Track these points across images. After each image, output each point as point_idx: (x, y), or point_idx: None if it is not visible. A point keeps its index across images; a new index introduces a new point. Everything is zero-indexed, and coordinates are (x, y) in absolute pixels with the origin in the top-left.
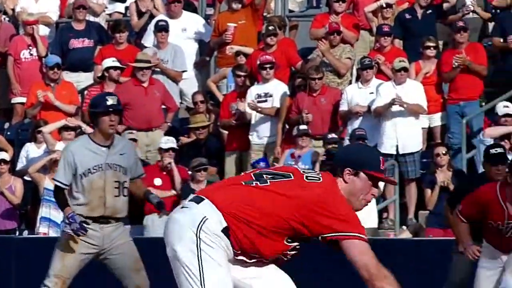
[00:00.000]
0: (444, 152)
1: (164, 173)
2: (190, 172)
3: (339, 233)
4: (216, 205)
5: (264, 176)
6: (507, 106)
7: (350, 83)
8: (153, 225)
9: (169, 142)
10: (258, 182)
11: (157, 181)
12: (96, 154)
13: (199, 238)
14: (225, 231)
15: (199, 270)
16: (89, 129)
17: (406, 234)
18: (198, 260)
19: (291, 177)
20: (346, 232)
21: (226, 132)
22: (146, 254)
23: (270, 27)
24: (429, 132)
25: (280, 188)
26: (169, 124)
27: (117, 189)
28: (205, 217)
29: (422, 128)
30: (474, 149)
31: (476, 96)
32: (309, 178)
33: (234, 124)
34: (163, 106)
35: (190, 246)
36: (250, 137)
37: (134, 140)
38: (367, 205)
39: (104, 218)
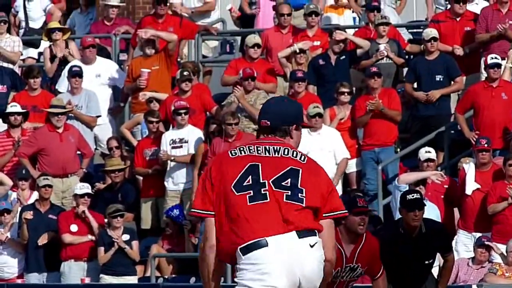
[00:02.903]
0: None
1: (80, 219)
2: (106, 220)
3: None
4: None
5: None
6: (429, 152)
7: None
8: (70, 271)
9: (84, 188)
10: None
11: (73, 228)
12: None
13: None
14: None
15: None
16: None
17: None
18: None
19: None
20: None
21: (141, 178)
22: None
23: (185, 73)
24: (344, 178)
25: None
26: (84, 170)
27: None
28: None
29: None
30: (390, 195)
31: (391, 142)
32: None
33: (150, 172)
34: (78, 152)
35: None
36: (165, 183)
37: (50, 186)
38: None
39: None
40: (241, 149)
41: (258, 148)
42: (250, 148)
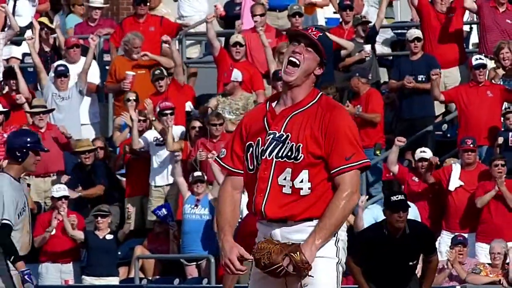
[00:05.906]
0: None
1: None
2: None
3: None
4: None
5: None
6: (424, 151)
7: None
8: (47, 273)
9: (61, 190)
10: None
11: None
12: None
13: None
14: None
15: None
16: None
17: None
18: None
19: None
20: None
21: (124, 179)
22: None
23: (156, 72)
24: None
25: None
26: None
27: None
28: None
29: None
30: (374, 197)
31: (370, 144)
32: None
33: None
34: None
35: None
36: (150, 182)
37: (27, 185)
38: None
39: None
40: None
41: None
42: None
